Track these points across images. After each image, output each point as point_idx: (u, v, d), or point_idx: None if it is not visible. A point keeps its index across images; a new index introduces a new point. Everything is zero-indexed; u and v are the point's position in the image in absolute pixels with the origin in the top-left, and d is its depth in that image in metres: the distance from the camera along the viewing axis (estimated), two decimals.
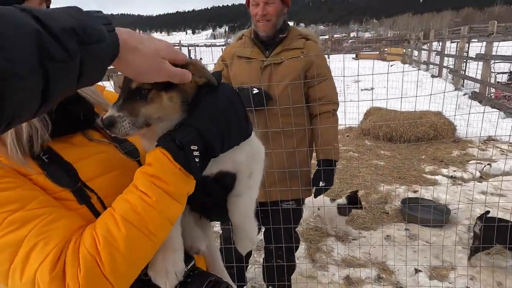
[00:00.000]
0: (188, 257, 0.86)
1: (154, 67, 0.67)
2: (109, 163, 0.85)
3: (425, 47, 18.98)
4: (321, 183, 2.28)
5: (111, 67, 0.64)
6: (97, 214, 0.76)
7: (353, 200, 3.71)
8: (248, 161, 0.90)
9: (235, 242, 0.95)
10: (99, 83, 0.84)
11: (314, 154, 2.48)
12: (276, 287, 2.60)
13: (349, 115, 8.03)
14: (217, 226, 3.41)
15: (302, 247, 3.60)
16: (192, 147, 0.72)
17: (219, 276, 0.89)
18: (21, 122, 0.50)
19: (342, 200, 3.81)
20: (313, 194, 2.41)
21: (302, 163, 2.31)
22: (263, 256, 2.82)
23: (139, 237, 0.67)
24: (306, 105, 2.31)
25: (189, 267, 0.84)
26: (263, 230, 2.66)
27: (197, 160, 0.72)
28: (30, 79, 0.44)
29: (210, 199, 0.91)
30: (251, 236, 0.95)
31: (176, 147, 0.71)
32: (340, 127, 7.71)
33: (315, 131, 2.32)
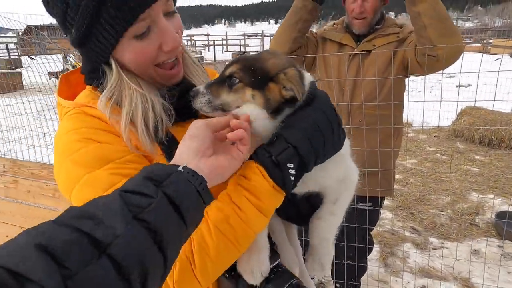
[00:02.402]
0: (274, 253, 0.89)
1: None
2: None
3: None
4: None
5: None
6: None
7: None
8: (336, 187, 0.88)
9: (306, 261, 0.95)
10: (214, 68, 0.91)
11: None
12: (345, 286, 2.54)
13: (440, 113, 7.33)
14: None
15: (374, 249, 3.45)
16: (288, 165, 0.72)
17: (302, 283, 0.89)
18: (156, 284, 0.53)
19: None
20: None
21: (386, 161, 2.17)
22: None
23: (227, 246, 0.73)
24: (395, 103, 2.14)
25: (273, 264, 0.87)
26: None
27: (292, 178, 0.73)
28: (132, 234, 0.49)
29: (297, 213, 0.94)
30: (323, 261, 0.93)
31: (272, 164, 0.72)
32: (428, 127, 7.13)
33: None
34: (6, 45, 18.48)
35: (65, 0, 0.73)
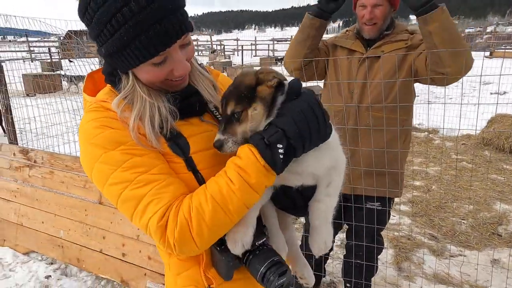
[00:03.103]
0: (261, 234, 1.00)
1: None
2: (212, 141, 1.04)
3: None
4: None
5: None
6: (198, 180, 0.96)
7: None
8: (328, 173, 0.98)
9: (310, 243, 1.03)
10: (213, 67, 1.05)
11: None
12: (353, 284, 2.59)
13: (469, 121, 7.09)
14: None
15: (389, 253, 3.46)
16: (278, 145, 0.84)
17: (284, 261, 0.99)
18: None
19: None
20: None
21: (392, 162, 2.22)
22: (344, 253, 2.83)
23: (220, 213, 0.85)
24: (402, 105, 2.19)
25: (259, 242, 0.98)
26: (346, 227, 2.66)
27: (281, 157, 0.84)
28: None
29: (292, 204, 1.04)
30: (326, 240, 1.02)
31: (263, 145, 0.84)
32: (454, 133, 6.94)
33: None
34: (49, 49, 19.74)
35: (100, 27, 0.86)
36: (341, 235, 3.58)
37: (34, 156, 3.50)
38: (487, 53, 24.39)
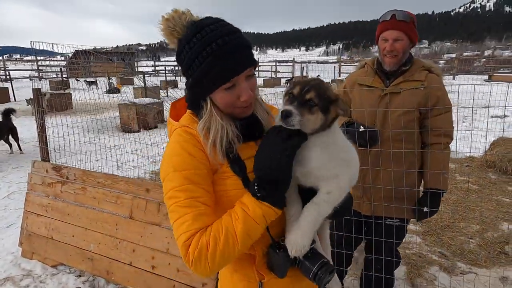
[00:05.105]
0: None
1: None
2: None
3: None
4: (425, 209, 2.38)
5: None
6: None
7: None
8: (331, 180, 1.12)
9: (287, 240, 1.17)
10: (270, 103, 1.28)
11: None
12: None
13: (473, 143, 7.35)
14: None
15: (402, 269, 3.61)
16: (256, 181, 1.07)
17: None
18: None
19: None
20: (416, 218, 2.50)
21: (410, 186, 2.44)
22: (361, 268, 2.99)
23: (230, 240, 1.06)
24: (419, 130, 2.42)
25: (312, 246, 1.18)
26: (365, 242, 2.84)
27: (256, 189, 1.07)
28: None
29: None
30: (304, 243, 1.13)
31: (248, 182, 1.11)
32: (459, 155, 7.18)
33: (424, 159, 2.43)
34: (61, 69, 20.13)
35: (190, 62, 1.13)
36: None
37: (67, 173, 3.72)
38: (486, 77, 24.93)
